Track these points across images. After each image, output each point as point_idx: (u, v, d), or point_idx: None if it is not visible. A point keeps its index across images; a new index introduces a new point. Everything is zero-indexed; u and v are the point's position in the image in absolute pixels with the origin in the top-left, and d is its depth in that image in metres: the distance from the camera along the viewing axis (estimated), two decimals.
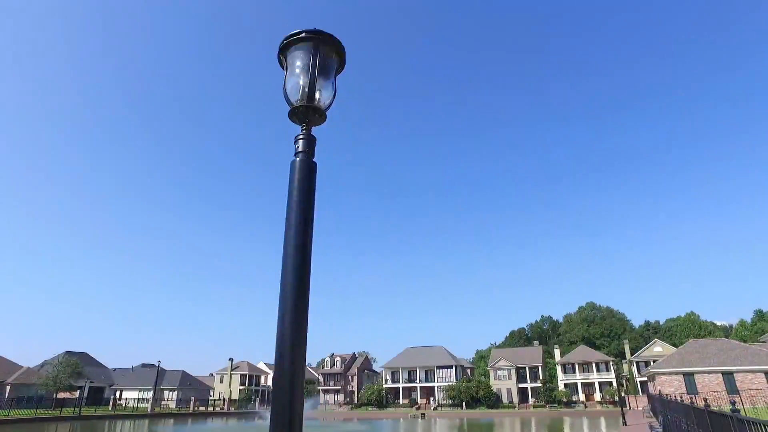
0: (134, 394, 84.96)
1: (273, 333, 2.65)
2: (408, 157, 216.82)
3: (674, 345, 79.00)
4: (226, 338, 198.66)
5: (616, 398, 75.48)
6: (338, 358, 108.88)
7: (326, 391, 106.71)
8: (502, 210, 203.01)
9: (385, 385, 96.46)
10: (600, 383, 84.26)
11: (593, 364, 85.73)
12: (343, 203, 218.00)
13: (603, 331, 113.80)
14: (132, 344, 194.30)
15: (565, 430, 39.28)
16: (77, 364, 65.12)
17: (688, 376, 47.16)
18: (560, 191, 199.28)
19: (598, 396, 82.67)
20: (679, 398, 15.57)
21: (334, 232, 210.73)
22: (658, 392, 29.55)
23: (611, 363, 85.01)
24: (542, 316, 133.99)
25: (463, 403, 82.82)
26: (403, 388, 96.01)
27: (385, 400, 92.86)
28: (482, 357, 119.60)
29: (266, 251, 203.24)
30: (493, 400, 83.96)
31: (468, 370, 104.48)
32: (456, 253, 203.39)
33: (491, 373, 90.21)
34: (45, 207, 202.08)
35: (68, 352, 75.15)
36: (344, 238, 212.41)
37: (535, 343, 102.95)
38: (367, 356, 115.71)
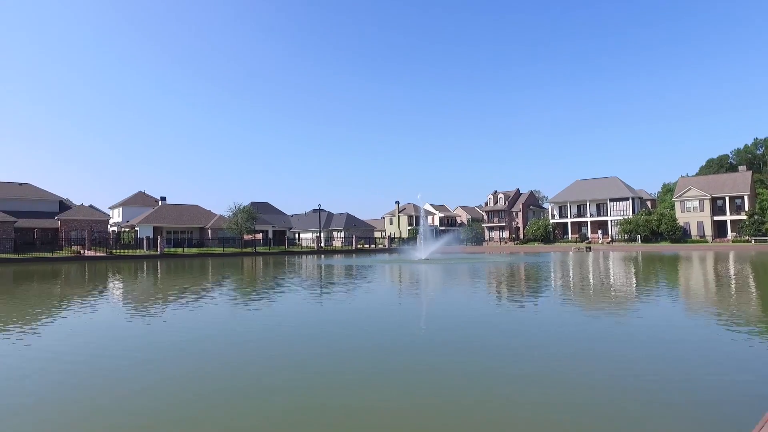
0: (309, 235, 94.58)
1: (437, 177, 1.52)
2: None
3: None
4: (395, 185, 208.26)
5: None
6: (501, 195, 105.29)
7: (491, 228, 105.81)
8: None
9: (552, 221, 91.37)
10: None
11: None
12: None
13: None
14: (307, 194, 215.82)
15: None
16: (251, 210, 72.31)
17: None
18: None
19: None
20: None
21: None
22: None
23: None
24: (755, 139, 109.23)
25: (639, 238, 73.89)
26: (571, 223, 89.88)
27: (552, 235, 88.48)
28: (669, 191, 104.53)
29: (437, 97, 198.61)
30: (679, 234, 73.43)
31: (648, 203, 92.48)
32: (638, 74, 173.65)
33: (677, 205, 78.06)
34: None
35: (253, 203, 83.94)
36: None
37: (741, 169, 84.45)
38: (532, 192, 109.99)
